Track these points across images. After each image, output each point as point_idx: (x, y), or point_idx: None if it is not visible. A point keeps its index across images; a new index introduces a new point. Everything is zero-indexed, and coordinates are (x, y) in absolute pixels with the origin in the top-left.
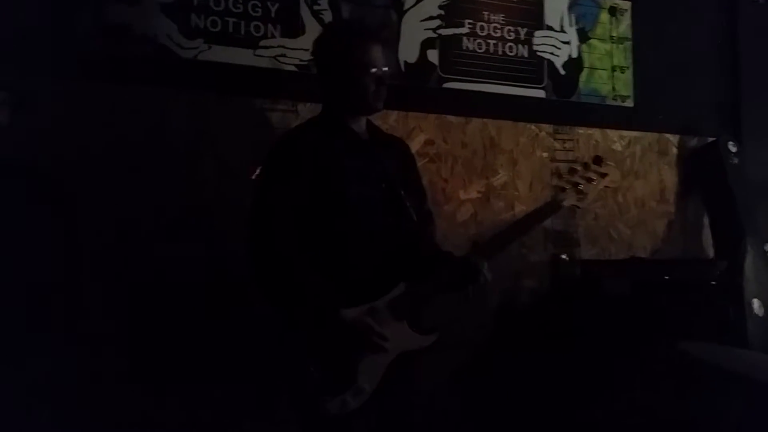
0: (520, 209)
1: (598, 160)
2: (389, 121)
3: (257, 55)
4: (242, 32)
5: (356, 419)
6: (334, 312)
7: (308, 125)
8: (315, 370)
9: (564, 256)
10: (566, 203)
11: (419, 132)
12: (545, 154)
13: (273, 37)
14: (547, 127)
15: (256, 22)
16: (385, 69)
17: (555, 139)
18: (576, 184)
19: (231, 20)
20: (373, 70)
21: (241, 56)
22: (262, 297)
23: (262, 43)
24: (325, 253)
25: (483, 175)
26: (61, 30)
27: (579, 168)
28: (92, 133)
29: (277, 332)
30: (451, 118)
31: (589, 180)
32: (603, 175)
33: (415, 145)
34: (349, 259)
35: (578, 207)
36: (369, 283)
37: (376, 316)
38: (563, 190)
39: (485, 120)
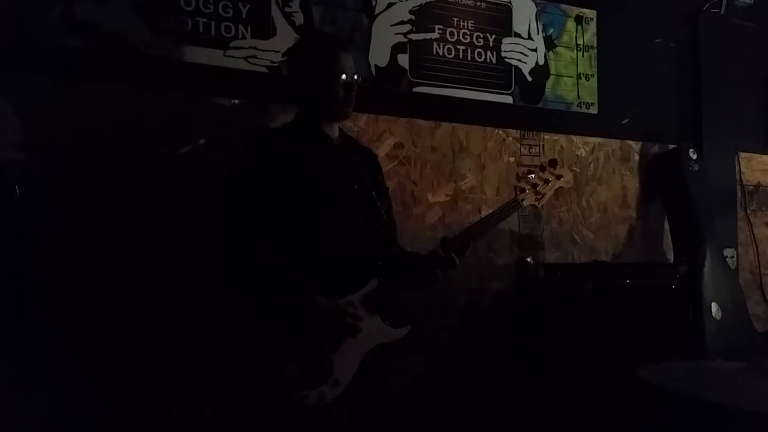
0: (487, 213)
1: (553, 163)
2: (359, 123)
3: (227, 56)
4: (213, 33)
5: (332, 410)
6: (310, 298)
7: (281, 129)
8: (288, 356)
9: (529, 259)
10: (526, 202)
11: (389, 135)
12: (512, 159)
13: (244, 38)
14: (515, 133)
15: (226, 23)
16: (355, 77)
17: (522, 145)
18: (534, 185)
19: (201, 20)
20: (343, 77)
21: (212, 57)
22: (238, 291)
23: (232, 44)
24: (300, 250)
25: (451, 178)
26: (28, 26)
27: (536, 170)
28: (59, 131)
29: (251, 326)
30: (420, 121)
31: (546, 181)
32: (558, 177)
33: (384, 148)
34: (322, 255)
35: (536, 206)
36: (343, 279)
37: (351, 308)
38: (523, 190)
39: (454, 124)
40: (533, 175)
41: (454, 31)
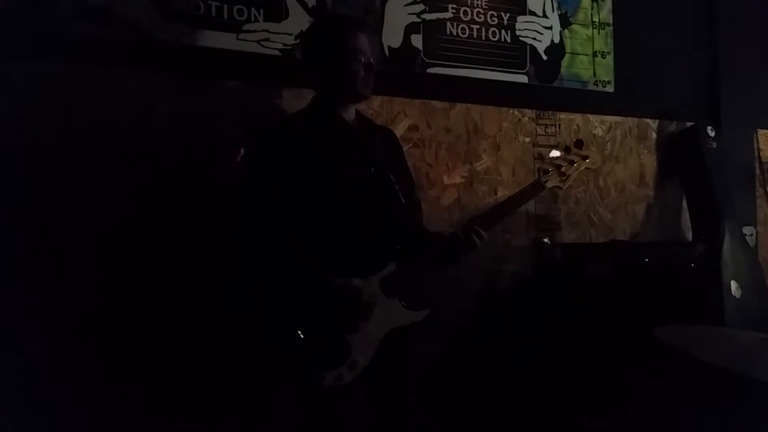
0: (503, 194)
1: (579, 144)
2: (374, 106)
3: (240, 40)
4: (225, 16)
5: (350, 392)
6: (325, 281)
7: (298, 114)
8: (304, 336)
9: (546, 240)
10: (549, 184)
11: (404, 117)
12: (527, 139)
13: (256, 21)
14: (530, 112)
15: (239, 6)
16: (373, 58)
17: (537, 124)
18: (559, 167)
19: (214, 4)
20: (362, 57)
21: (224, 40)
22: (253, 274)
23: (245, 27)
24: (317, 235)
25: (467, 159)
26: (39, 11)
27: (561, 151)
28: (71, 118)
29: (268, 307)
30: (435, 103)
31: (571, 162)
32: (584, 158)
33: (399, 130)
34: (340, 239)
35: (560, 188)
36: (361, 263)
37: (369, 290)
38: (547, 172)
39: (469, 105)
40: (558, 156)
41: (468, 9)
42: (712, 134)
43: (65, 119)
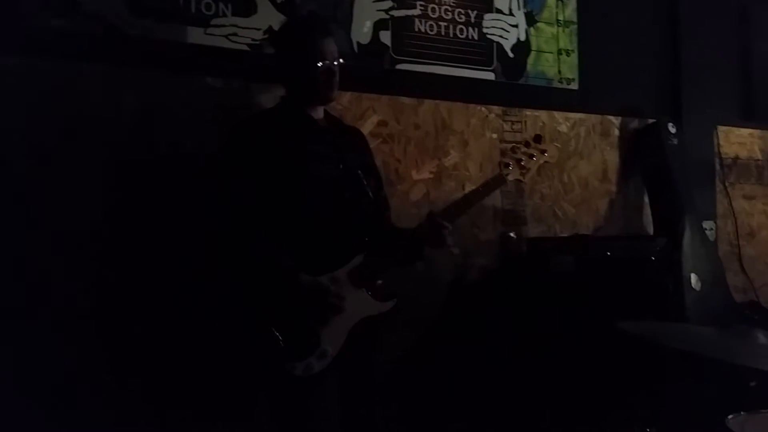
0: (471, 189)
1: (538, 138)
2: (343, 102)
3: (208, 34)
4: (193, 10)
5: (321, 381)
6: (294, 277)
7: (268, 112)
8: (278, 333)
9: (512, 234)
10: (510, 177)
11: (372, 113)
12: (494, 136)
13: (224, 15)
14: (497, 109)
15: (207, 1)
16: (336, 62)
17: (504, 121)
18: (519, 161)
19: None
20: (325, 62)
21: (192, 35)
22: (223, 270)
23: (213, 21)
24: (287, 229)
25: (435, 155)
26: (5, 4)
27: (521, 146)
28: (38, 113)
29: (239, 302)
30: (403, 99)
31: (530, 156)
32: (543, 152)
33: (368, 126)
34: (310, 233)
35: (521, 180)
36: (329, 255)
37: (337, 284)
38: (507, 165)
39: (437, 101)
40: (518, 150)
41: (436, 7)
42: (673, 131)
43: (30, 114)
